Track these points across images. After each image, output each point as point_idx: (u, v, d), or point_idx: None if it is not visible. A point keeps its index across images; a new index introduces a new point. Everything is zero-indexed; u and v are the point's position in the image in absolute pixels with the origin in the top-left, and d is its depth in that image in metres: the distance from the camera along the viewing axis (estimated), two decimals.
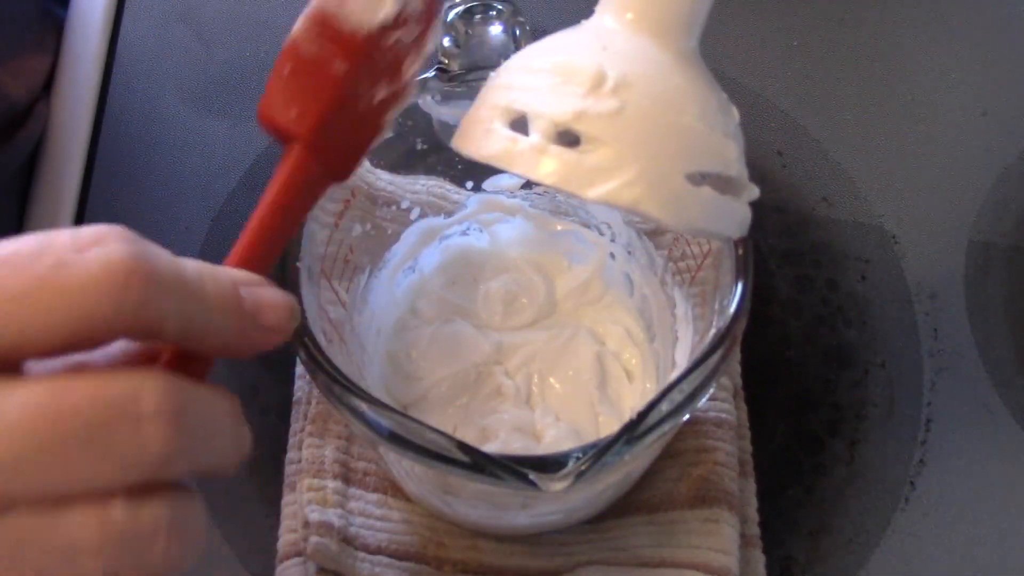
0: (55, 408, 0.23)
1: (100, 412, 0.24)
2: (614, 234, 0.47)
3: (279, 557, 0.42)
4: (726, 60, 0.58)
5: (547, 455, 0.33)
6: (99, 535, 0.24)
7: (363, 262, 0.45)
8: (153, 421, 0.24)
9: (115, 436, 0.24)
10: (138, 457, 0.24)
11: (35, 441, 0.23)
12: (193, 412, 0.26)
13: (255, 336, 0.29)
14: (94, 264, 0.24)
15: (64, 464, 0.24)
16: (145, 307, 0.24)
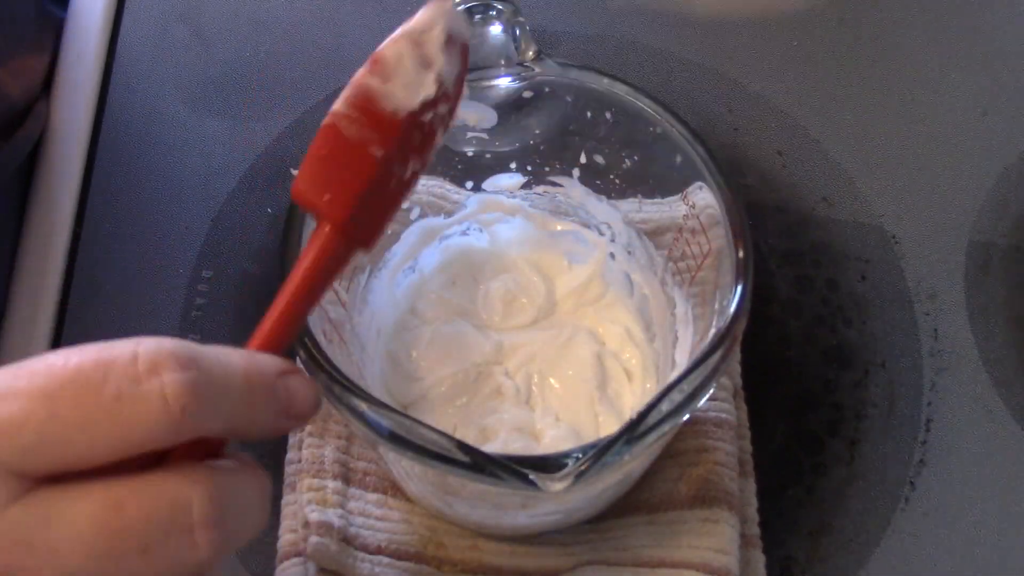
0: (115, 525, 0.25)
1: (155, 527, 0.25)
2: (614, 234, 0.47)
3: (279, 557, 0.42)
4: (726, 60, 0.58)
5: (547, 455, 0.33)
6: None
7: (363, 262, 0.45)
8: (203, 528, 0.26)
9: (169, 545, 0.26)
10: (189, 561, 0.26)
11: (98, 554, 0.25)
12: (235, 507, 0.27)
13: (284, 425, 0.30)
14: (154, 399, 0.25)
15: (120, 571, 0.25)
16: (198, 429, 0.26)
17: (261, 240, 0.52)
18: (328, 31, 0.59)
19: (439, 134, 0.33)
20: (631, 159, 0.44)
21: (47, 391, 0.25)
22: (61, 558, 0.25)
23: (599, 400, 0.45)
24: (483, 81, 0.42)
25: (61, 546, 0.25)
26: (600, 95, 0.42)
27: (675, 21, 0.60)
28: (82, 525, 0.25)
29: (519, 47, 0.41)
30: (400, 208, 0.34)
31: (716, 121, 0.56)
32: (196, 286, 0.50)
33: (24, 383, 0.25)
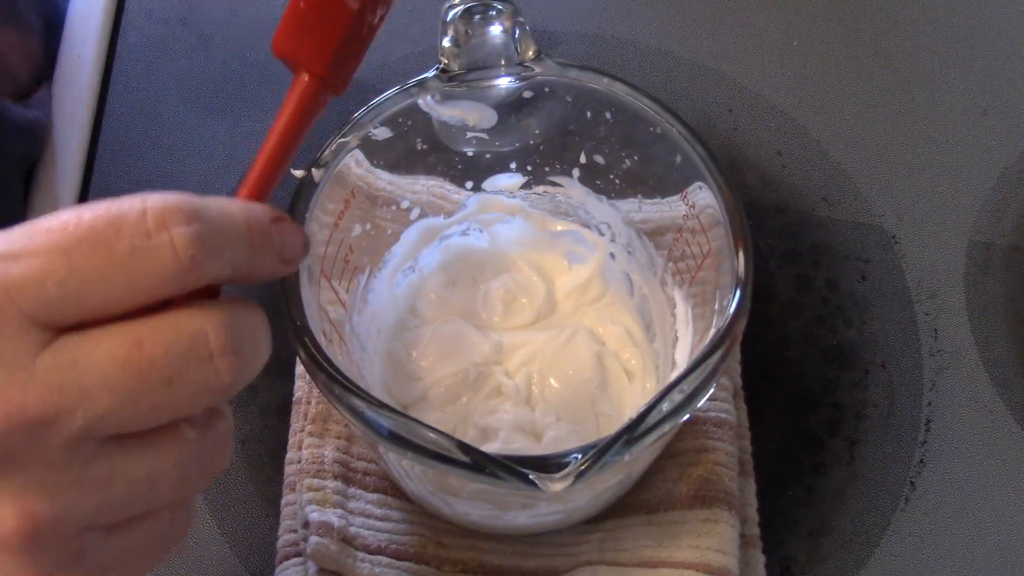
0: (139, 360, 0.27)
1: (176, 358, 0.27)
2: (614, 234, 0.47)
3: (279, 557, 0.42)
4: (726, 60, 0.58)
5: (547, 455, 0.33)
6: (176, 460, 0.28)
7: (363, 262, 0.45)
8: (222, 355, 0.28)
9: (191, 375, 0.27)
10: (212, 388, 0.28)
11: (125, 391, 0.27)
12: (247, 335, 0.29)
13: (280, 269, 0.32)
14: (164, 251, 0.27)
15: (149, 405, 0.27)
16: (206, 277, 0.28)
17: None
18: None
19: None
20: (631, 159, 0.44)
21: (64, 247, 0.26)
22: (92, 398, 0.26)
23: (599, 400, 0.45)
24: (483, 81, 0.42)
25: (91, 387, 0.26)
26: (600, 95, 0.42)
27: (675, 21, 0.60)
28: (107, 365, 0.26)
29: (519, 47, 0.41)
30: (367, 52, 0.36)
31: (716, 121, 0.57)
32: None
33: (42, 240, 0.26)
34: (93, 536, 0.28)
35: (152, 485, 0.28)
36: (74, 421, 0.26)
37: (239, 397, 0.48)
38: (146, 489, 0.28)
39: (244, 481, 0.46)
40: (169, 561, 0.44)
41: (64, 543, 0.28)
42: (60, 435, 0.26)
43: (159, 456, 0.28)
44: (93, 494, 0.27)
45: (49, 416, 0.26)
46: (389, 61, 0.58)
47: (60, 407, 0.26)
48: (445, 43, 0.41)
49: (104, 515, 0.28)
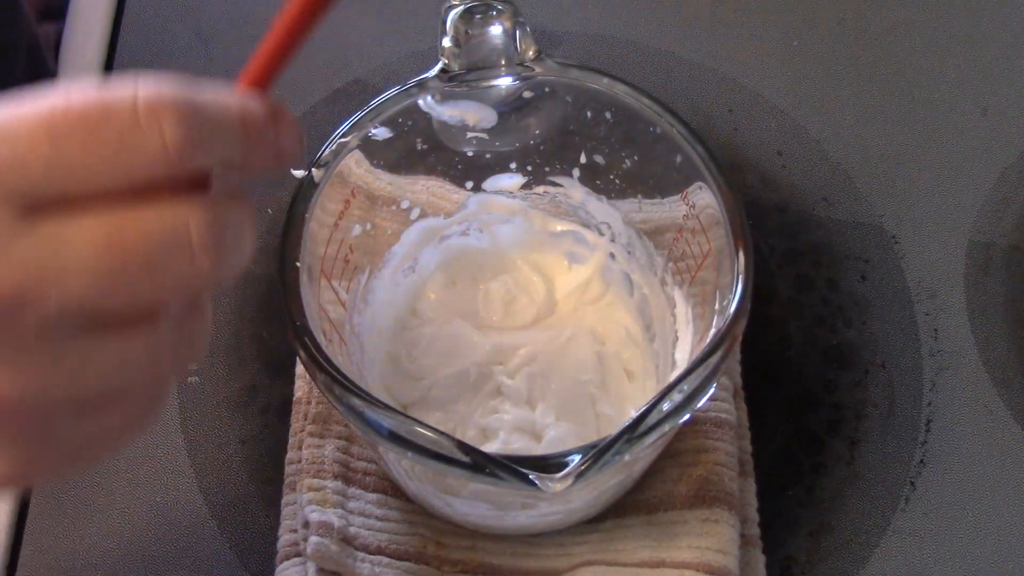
0: (119, 246, 0.26)
1: (156, 248, 0.27)
2: (614, 234, 0.47)
3: (279, 557, 0.42)
4: (726, 60, 0.58)
5: (547, 455, 0.33)
6: (150, 350, 0.28)
7: (363, 262, 0.45)
8: (203, 249, 0.27)
9: (171, 267, 0.27)
10: (190, 282, 0.28)
11: (102, 276, 0.26)
12: (231, 232, 0.28)
13: (272, 166, 0.31)
14: (154, 144, 0.26)
15: (125, 293, 0.27)
16: (196, 169, 0.28)
17: (261, 240, 0.52)
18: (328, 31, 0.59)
19: None
20: (631, 159, 0.44)
21: (51, 130, 0.26)
22: (70, 282, 0.26)
23: (599, 400, 0.45)
24: (483, 81, 0.42)
25: (68, 270, 0.26)
26: (600, 95, 0.43)
27: (675, 21, 0.60)
28: (87, 250, 0.26)
29: (519, 47, 0.41)
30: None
31: (716, 121, 0.57)
32: None
33: (28, 122, 0.26)
34: (62, 418, 0.28)
35: (124, 372, 0.28)
36: (48, 303, 0.26)
37: (239, 397, 0.48)
38: (118, 376, 0.28)
39: (244, 481, 0.46)
40: (169, 561, 0.44)
41: (32, 422, 0.28)
42: (34, 316, 0.26)
43: (133, 345, 0.28)
44: (64, 376, 0.27)
45: (24, 296, 0.26)
46: (389, 61, 0.58)
47: (35, 288, 0.26)
48: (445, 43, 0.41)
49: (74, 398, 0.28)
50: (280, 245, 0.38)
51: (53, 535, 0.44)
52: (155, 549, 0.44)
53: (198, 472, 0.46)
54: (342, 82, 0.57)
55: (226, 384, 0.48)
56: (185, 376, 0.30)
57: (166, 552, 0.44)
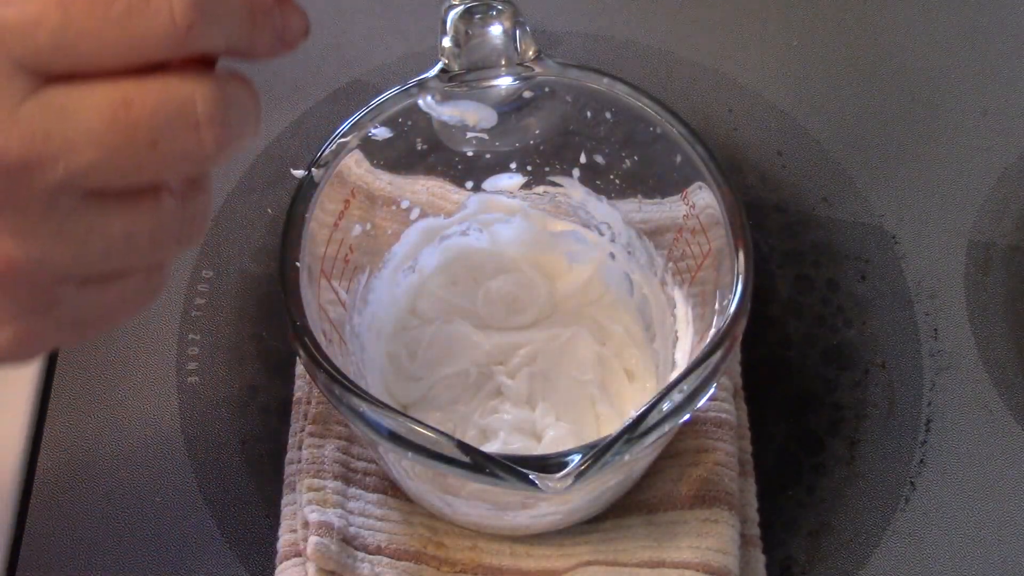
0: (125, 119, 0.27)
1: (162, 121, 0.27)
2: (614, 234, 0.47)
3: (279, 557, 0.42)
4: (726, 60, 0.58)
5: (547, 455, 0.33)
6: (153, 225, 0.29)
7: (363, 262, 0.45)
8: (209, 125, 0.28)
9: (176, 140, 0.27)
10: (195, 157, 0.28)
11: (108, 148, 0.27)
12: (236, 109, 0.29)
13: (278, 49, 0.31)
14: (162, 16, 0.26)
15: (131, 165, 0.27)
16: (202, 46, 0.28)
17: (261, 240, 0.52)
18: (328, 31, 0.59)
19: None
20: (631, 159, 0.44)
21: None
22: (75, 151, 0.26)
23: (599, 400, 0.45)
24: (483, 81, 0.42)
25: (75, 139, 0.26)
26: (600, 95, 0.43)
27: (675, 21, 0.60)
28: (93, 120, 0.26)
29: (519, 47, 0.41)
30: None
31: (716, 121, 0.57)
32: (196, 286, 0.51)
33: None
34: (66, 288, 0.29)
35: (128, 245, 0.29)
36: (55, 171, 0.26)
37: (239, 397, 0.48)
38: (122, 248, 0.29)
39: (244, 481, 0.46)
40: (169, 561, 0.44)
41: (36, 291, 0.28)
42: (40, 184, 0.27)
43: (137, 218, 0.29)
44: (69, 246, 0.28)
45: (31, 163, 0.26)
46: (389, 61, 0.58)
47: (42, 155, 0.26)
48: (445, 43, 0.41)
49: (78, 268, 0.29)
50: (280, 245, 0.38)
51: (53, 535, 0.44)
52: (155, 549, 0.44)
53: (198, 472, 0.46)
54: (342, 82, 0.57)
55: (226, 384, 0.48)
56: (187, 248, 0.32)
57: (166, 552, 0.44)
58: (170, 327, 0.49)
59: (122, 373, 0.48)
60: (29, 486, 0.46)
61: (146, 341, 0.49)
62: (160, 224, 0.29)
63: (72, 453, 0.46)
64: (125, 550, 0.44)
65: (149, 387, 0.48)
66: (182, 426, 0.47)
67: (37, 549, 0.44)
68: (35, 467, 0.46)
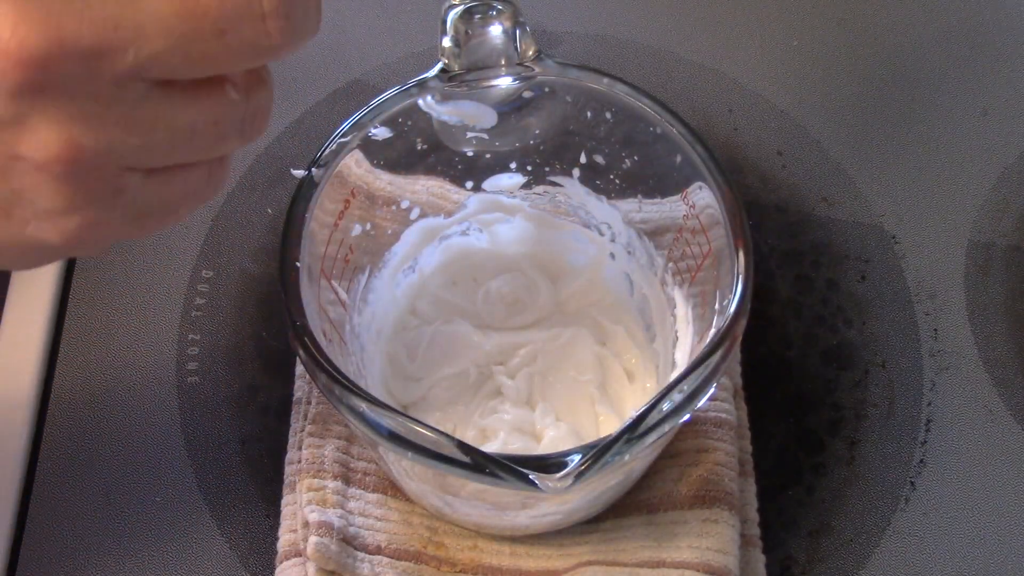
0: (194, 8, 0.27)
1: (231, 12, 0.28)
2: (614, 234, 0.47)
3: (279, 557, 0.42)
4: (726, 60, 0.58)
5: (547, 455, 0.33)
6: (217, 117, 0.30)
7: (363, 262, 0.45)
8: (274, 17, 0.28)
9: (243, 31, 0.28)
10: (260, 48, 0.29)
11: (177, 36, 0.27)
12: (300, 3, 0.29)
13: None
14: None
15: (199, 54, 0.28)
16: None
17: (261, 240, 0.52)
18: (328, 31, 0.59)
19: None
20: (631, 159, 0.44)
21: None
22: (146, 38, 0.27)
23: (599, 400, 0.45)
24: (483, 81, 0.42)
25: (146, 27, 0.27)
26: (600, 95, 0.43)
27: (675, 21, 0.60)
28: (164, 8, 0.27)
29: (519, 47, 0.41)
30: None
31: (716, 121, 0.57)
32: (196, 286, 0.51)
33: None
34: (131, 177, 0.30)
35: (192, 136, 0.30)
36: (125, 58, 0.27)
37: (239, 397, 0.48)
38: (186, 139, 0.30)
39: (244, 481, 0.46)
40: (169, 561, 0.44)
41: (103, 178, 0.29)
42: (110, 70, 0.27)
43: (202, 109, 0.29)
44: (136, 134, 0.29)
45: (102, 49, 0.27)
46: (389, 61, 0.58)
47: (114, 42, 0.27)
48: (445, 43, 0.41)
49: (144, 158, 0.29)
50: (280, 245, 0.38)
51: (53, 535, 0.44)
52: (155, 549, 0.44)
53: (198, 472, 0.46)
54: (342, 82, 0.57)
55: (226, 384, 0.48)
56: (255, 137, 0.32)
57: (166, 552, 0.44)
58: (170, 327, 0.49)
59: (122, 373, 0.48)
60: (29, 486, 0.46)
61: (146, 341, 0.49)
62: (224, 116, 0.30)
63: (72, 452, 0.46)
64: (125, 550, 0.44)
65: (149, 387, 0.48)
66: (182, 426, 0.47)
67: (37, 549, 0.44)
68: (36, 466, 0.46)
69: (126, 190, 0.30)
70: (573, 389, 0.46)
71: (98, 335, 0.49)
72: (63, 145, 0.28)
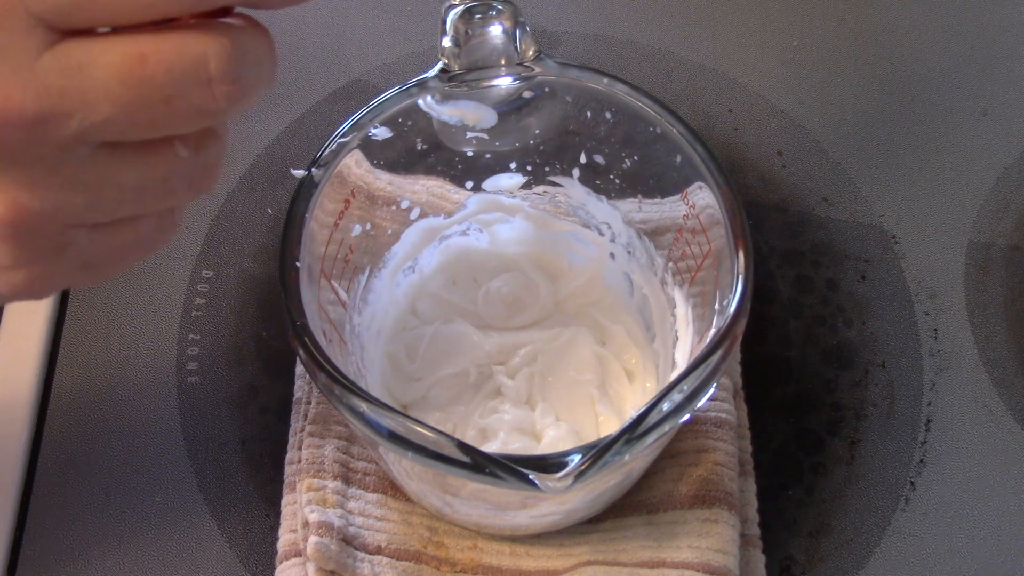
0: (140, 75, 0.27)
1: (176, 78, 0.27)
2: (614, 234, 0.47)
3: (279, 557, 0.42)
4: (726, 60, 0.58)
5: (547, 455, 0.33)
6: (166, 173, 0.30)
7: (363, 262, 0.45)
8: (221, 82, 0.28)
9: (189, 96, 0.28)
10: (207, 112, 0.28)
11: (122, 103, 0.27)
12: (250, 64, 0.29)
13: None
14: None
15: (145, 120, 0.28)
16: (217, 1, 0.28)
17: (261, 240, 0.52)
18: (328, 31, 0.59)
19: None
20: (631, 159, 0.44)
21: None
22: (91, 106, 0.27)
23: (599, 400, 0.45)
24: (483, 81, 0.42)
25: (91, 95, 0.27)
26: (600, 95, 0.42)
27: (675, 21, 0.60)
28: (109, 76, 0.27)
29: (519, 47, 0.41)
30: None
31: (716, 121, 0.57)
32: (196, 286, 0.51)
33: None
34: (77, 232, 0.30)
35: (140, 193, 0.30)
36: (70, 125, 0.27)
37: (239, 397, 0.48)
38: (134, 196, 0.30)
39: (244, 481, 0.46)
40: (169, 561, 0.44)
41: (48, 236, 0.29)
42: (56, 136, 0.27)
43: (150, 167, 0.29)
44: (81, 195, 0.29)
45: (47, 117, 0.27)
46: (389, 61, 0.58)
47: (58, 110, 0.27)
48: (445, 43, 0.41)
49: (90, 215, 0.29)
50: (280, 245, 0.38)
51: (53, 535, 0.44)
52: (155, 549, 0.44)
53: (198, 472, 0.46)
54: (342, 82, 0.57)
55: (226, 384, 0.48)
56: (205, 193, 0.32)
57: (166, 552, 0.44)
58: (170, 327, 0.49)
59: (122, 373, 0.48)
60: (30, 485, 0.46)
61: (146, 341, 0.49)
62: (173, 173, 0.30)
63: (72, 453, 0.46)
64: (125, 550, 0.44)
65: (149, 387, 0.48)
66: (182, 426, 0.47)
67: (37, 549, 0.44)
68: (36, 466, 0.46)
69: (72, 245, 0.30)
70: (573, 389, 0.46)
71: (98, 335, 0.49)
72: (7, 207, 0.28)
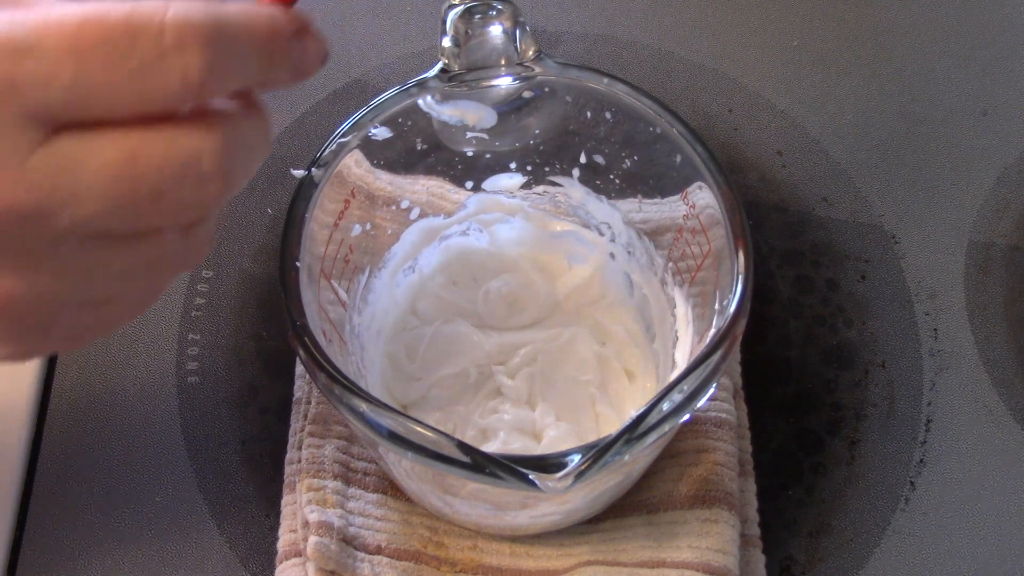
0: (131, 173, 0.28)
1: (167, 177, 0.28)
2: (614, 234, 0.47)
3: (279, 557, 0.42)
4: (726, 60, 0.58)
5: (547, 455, 0.33)
6: (154, 258, 0.30)
7: (363, 262, 0.45)
8: (212, 180, 0.29)
9: (180, 193, 0.28)
10: (198, 207, 0.29)
11: (114, 200, 0.28)
12: (241, 152, 0.30)
13: (291, 83, 0.32)
14: (175, 74, 0.27)
15: (135, 215, 0.28)
16: (216, 94, 0.28)
17: (261, 240, 0.52)
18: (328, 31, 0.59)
19: None
20: (631, 159, 0.44)
21: (76, 50, 0.26)
22: (81, 203, 0.27)
23: (599, 400, 0.45)
24: (483, 81, 0.42)
25: (80, 192, 0.27)
26: (600, 95, 0.43)
27: (675, 21, 0.60)
28: (99, 174, 0.27)
29: (519, 47, 0.41)
30: None
31: (716, 121, 0.57)
32: (196, 286, 0.51)
33: (54, 39, 0.26)
34: (64, 311, 0.30)
35: (128, 277, 0.30)
36: (60, 220, 0.27)
37: (239, 397, 0.48)
38: (121, 280, 0.30)
39: (244, 481, 0.46)
40: (169, 561, 0.44)
41: (34, 318, 0.30)
42: (46, 229, 0.28)
43: (139, 253, 0.30)
44: (70, 282, 0.29)
45: (37, 213, 0.27)
46: (389, 61, 0.58)
47: (49, 207, 0.27)
48: (445, 43, 0.41)
49: (77, 298, 0.30)
50: (280, 245, 0.38)
51: (53, 535, 0.44)
52: (155, 549, 0.44)
53: (198, 472, 0.46)
54: (342, 82, 0.57)
55: (226, 384, 0.48)
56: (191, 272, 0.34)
57: (166, 552, 0.44)
58: (170, 327, 0.49)
59: (122, 373, 0.48)
60: (29, 486, 0.46)
61: (146, 341, 0.49)
62: (161, 258, 0.31)
63: (72, 453, 0.46)
64: (125, 550, 0.44)
65: (149, 387, 0.48)
66: (182, 426, 0.47)
67: (37, 549, 0.44)
68: (35, 467, 0.46)
69: (56, 324, 0.30)
70: (573, 389, 0.45)
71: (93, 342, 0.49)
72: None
